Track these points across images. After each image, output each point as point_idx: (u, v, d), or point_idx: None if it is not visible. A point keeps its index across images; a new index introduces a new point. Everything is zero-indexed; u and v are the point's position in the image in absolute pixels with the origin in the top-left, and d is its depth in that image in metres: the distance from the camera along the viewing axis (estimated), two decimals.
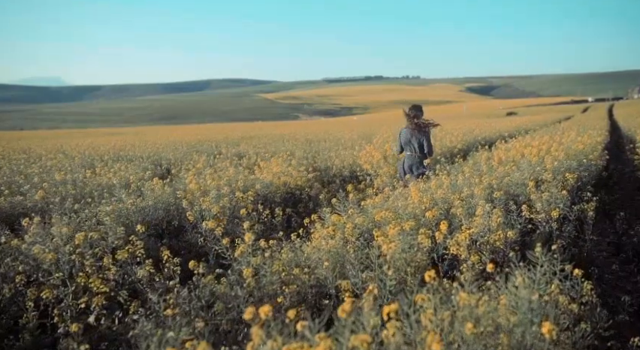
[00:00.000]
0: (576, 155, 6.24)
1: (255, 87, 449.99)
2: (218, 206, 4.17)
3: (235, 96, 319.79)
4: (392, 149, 6.56)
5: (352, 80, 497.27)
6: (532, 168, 4.97)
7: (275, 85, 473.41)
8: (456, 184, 4.31)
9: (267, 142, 14.21)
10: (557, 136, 9.66)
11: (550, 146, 7.44)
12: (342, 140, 13.07)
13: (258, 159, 8.40)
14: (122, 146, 14.16)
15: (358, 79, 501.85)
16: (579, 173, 5.33)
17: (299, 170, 6.49)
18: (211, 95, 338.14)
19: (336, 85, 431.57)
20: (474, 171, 4.96)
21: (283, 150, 10.72)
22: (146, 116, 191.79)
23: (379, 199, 4.37)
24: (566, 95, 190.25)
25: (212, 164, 8.26)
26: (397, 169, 5.98)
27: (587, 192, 4.61)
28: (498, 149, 7.40)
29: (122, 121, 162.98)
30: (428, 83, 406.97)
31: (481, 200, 3.30)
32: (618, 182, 7.98)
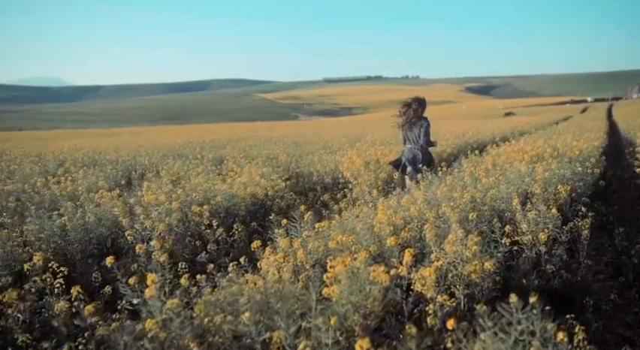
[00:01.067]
0: (571, 162, 5.75)
1: (255, 87, 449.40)
2: (164, 223, 3.68)
3: (235, 96, 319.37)
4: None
5: (352, 80, 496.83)
6: (520, 179, 4.49)
7: (275, 85, 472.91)
8: (435, 198, 3.82)
9: (254, 144, 13.72)
10: (553, 139, 9.18)
11: (545, 152, 6.96)
12: (331, 142, 12.58)
13: (233, 164, 7.90)
14: (104, 149, 13.67)
15: (358, 80, 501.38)
16: (573, 183, 4.85)
17: (271, 179, 5.99)
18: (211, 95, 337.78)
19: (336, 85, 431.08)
20: (457, 182, 4.48)
21: (265, 154, 10.24)
22: (147, 116, 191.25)
23: (349, 214, 3.89)
24: (566, 95, 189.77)
25: (186, 170, 7.78)
26: (403, 155, 5.93)
27: (582, 206, 4.12)
28: (488, 155, 6.92)
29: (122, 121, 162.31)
30: (428, 83, 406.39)
31: (454, 224, 2.81)
32: (617, 189, 7.50)
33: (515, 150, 7.58)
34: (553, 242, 3.27)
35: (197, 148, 13.35)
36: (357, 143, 10.76)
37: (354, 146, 11.26)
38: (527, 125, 18.08)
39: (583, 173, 5.40)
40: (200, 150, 12.48)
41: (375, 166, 6.76)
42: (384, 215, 3.14)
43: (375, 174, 6.22)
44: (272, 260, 2.76)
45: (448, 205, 3.26)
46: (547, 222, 3.23)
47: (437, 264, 2.36)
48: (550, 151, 7.00)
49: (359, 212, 3.83)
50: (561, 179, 4.60)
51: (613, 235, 5.02)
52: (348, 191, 6.37)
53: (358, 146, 9.56)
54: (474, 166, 5.61)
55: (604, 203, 6.19)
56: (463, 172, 5.33)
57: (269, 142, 14.84)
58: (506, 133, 12.92)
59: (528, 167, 5.45)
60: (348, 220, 3.36)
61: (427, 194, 3.93)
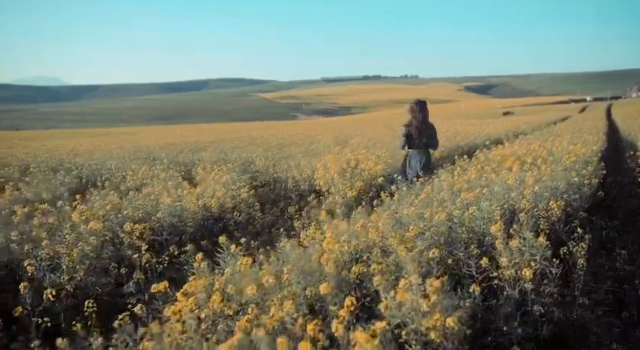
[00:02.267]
0: (566, 170, 5.15)
1: (253, 87, 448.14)
2: (77, 249, 3.07)
3: (234, 96, 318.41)
4: (396, 144, 6.17)
5: (351, 80, 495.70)
6: (507, 192, 3.88)
7: (274, 85, 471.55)
8: (402, 218, 3.21)
9: (237, 146, 13.10)
10: (549, 142, 8.57)
11: (539, 156, 6.36)
12: (316, 144, 11.97)
13: (202, 170, 7.29)
14: (81, 151, 13.07)
15: (357, 79, 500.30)
16: (569, 196, 4.24)
17: (231, 189, 5.37)
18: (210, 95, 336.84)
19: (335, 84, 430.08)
20: (434, 196, 3.87)
21: (244, 157, 9.63)
22: (144, 115, 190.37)
23: (312, 233, 3.29)
24: (565, 94, 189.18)
25: (151, 176, 7.17)
26: (399, 168, 5.87)
27: (578, 226, 3.52)
28: (476, 161, 6.32)
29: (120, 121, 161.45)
30: (427, 82, 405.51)
31: (409, 265, 2.19)
32: (618, 197, 6.89)
33: (507, 154, 6.98)
34: (542, 277, 2.67)
35: (177, 150, 12.74)
36: (337, 146, 10.12)
37: (341, 147, 10.66)
38: (524, 125, 17.44)
39: (579, 183, 4.80)
40: (180, 153, 11.88)
41: (352, 173, 6.14)
42: (333, 244, 2.53)
43: (351, 183, 5.61)
44: (180, 307, 2.15)
45: (397, 236, 2.64)
46: (534, 253, 2.62)
47: (380, 325, 1.75)
48: (544, 155, 6.40)
49: (313, 234, 3.23)
50: (554, 192, 3.99)
51: (613, 254, 4.43)
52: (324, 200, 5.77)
53: (337, 149, 8.92)
54: (457, 175, 5.01)
55: (603, 215, 5.59)
56: (443, 182, 4.73)
57: (253, 143, 14.22)
58: (501, 134, 12.30)
59: (519, 175, 4.85)
60: (293, 249, 2.75)
61: (396, 212, 3.32)
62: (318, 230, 3.23)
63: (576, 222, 4.15)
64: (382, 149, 8.16)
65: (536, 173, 4.98)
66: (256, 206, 5.32)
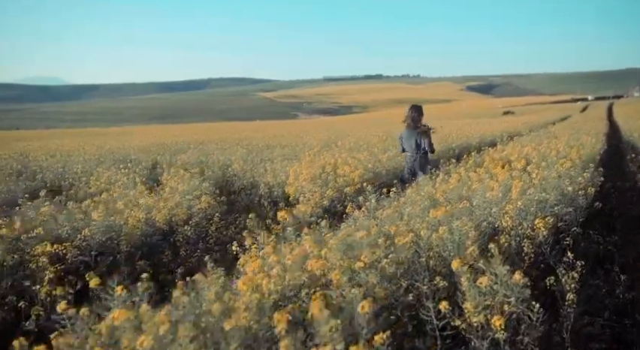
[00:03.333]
0: (560, 178, 4.60)
1: (254, 86, 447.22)
2: None
3: (235, 95, 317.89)
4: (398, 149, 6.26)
5: (352, 79, 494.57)
6: (488, 207, 3.34)
7: (275, 84, 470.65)
8: (355, 242, 2.67)
9: (220, 147, 12.56)
10: (544, 144, 8.02)
11: (530, 162, 5.82)
12: (301, 145, 11.43)
13: (168, 175, 6.75)
14: (49, 152, 12.58)
15: (358, 78, 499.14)
16: (560, 209, 3.70)
17: (186, 198, 4.83)
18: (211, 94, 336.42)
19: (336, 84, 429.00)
20: (403, 210, 3.33)
21: (222, 160, 9.09)
22: (144, 115, 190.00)
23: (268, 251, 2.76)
24: (567, 93, 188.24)
25: (114, 181, 6.65)
26: (406, 162, 5.96)
27: (569, 249, 2.98)
28: (463, 165, 5.78)
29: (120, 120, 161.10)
30: (428, 82, 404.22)
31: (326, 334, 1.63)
32: (618, 205, 6.34)
33: (498, 158, 6.44)
34: (519, 323, 2.12)
35: (160, 152, 12.19)
36: (323, 148, 9.57)
37: (327, 149, 10.12)
38: (522, 125, 16.84)
39: (574, 193, 4.25)
40: (161, 154, 11.35)
41: (326, 180, 5.59)
42: (249, 282, 1.99)
43: (321, 192, 5.07)
44: None
45: (344, 265, 2.10)
46: (508, 293, 2.08)
47: None
48: (537, 160, 5.85)
49: (246, 261, 2.70)
50: (542, 206, 3.45)
51: (611, 276, 3.88)
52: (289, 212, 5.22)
53: (314, 152, 8.35)
54: (439, 183, 4.46)
55: (601, 228, 5.04)
56: (420, 192, 4.18)
57: (240, 144, 13.69)
58: (495, 135, 11.73)
59: (505, 184, 4.30)
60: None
61: (349, 235, 2.78)
62: (252, 256, 2.70)
63: (568, 240, 3.63)
64: (365, 153, 7.63)
65: (525, 181, 4.44)
66: (215, 218, 4.78)
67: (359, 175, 5.82)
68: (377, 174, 6.37)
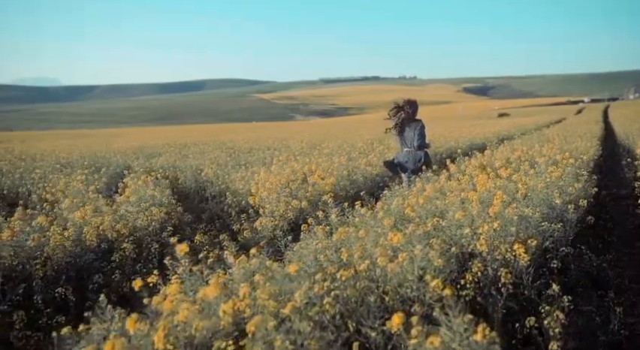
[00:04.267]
0: (549, 188, 4.12)
1: (251, 87, 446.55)
2: None
3: (232, 96, 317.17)
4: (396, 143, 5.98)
5: (349, 80, 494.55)
6: (461, 226, 2.85)
7: (272, 86, 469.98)
8: (286, 276, 2.16)
9: (201, 150, 12.04)
10: (535, 148, 7.56)
11: (518, 168, 5.33)
12: (282, 149, 10.93)
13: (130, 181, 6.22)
14: (21, 155, 12.05)
15: (355, 80, 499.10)
16: (549, 225, 3.21)
17: (130, 210, 4.32)
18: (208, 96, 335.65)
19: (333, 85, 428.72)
20: (353, 238, 2.83)
21: (195, 165, 8.58)
22: (141, 116, 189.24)
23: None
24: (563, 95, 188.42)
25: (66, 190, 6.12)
26: (399, 158, 5.69)
27: (554, 281, 2.49)
28: (445, 173, 5.29)
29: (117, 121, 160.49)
30: (425, 84, 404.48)
31: None
32: (613, 216, 5.86)
33: (484, 164, 5.96)
34: None
35: (137, 155, 11.67)
36: (294, 153, 9.05)
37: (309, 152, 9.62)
38: (515, 128, 16.35)
39: (563, 206, 3.77)
40: (137, 158, 10.84)
41: (295, 188, 5.09)
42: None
43: (286, 204, 4.57)
44: None
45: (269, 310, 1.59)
46: None
47: None
48: (526, 166, 5.36)
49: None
50: (526, 226, 2.95)
51: (605, 304, 3.40)
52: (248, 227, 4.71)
53: (285, 157, 7.82)
54: (414, 195, 3.97)
55: (595, 242, 4.56)
56: (390, 204, 3.69)
57: (223, 147, 13.17)
58: (486, 139, 11.24)
59: (485, 197, 3.82)
60: None
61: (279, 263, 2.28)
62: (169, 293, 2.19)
63: (555, 263, 3.15)
64: (343, 157, 7.12)
65: (510, 192, 3.95)
66: (165, 233, 4.27)
67: (332, 183, 5.33)
68: (353, 182, 5.87)
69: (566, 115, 36.74)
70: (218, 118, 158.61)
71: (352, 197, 5.73)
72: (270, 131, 29.33)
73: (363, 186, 5.94)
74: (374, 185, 6.17)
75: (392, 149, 9.33)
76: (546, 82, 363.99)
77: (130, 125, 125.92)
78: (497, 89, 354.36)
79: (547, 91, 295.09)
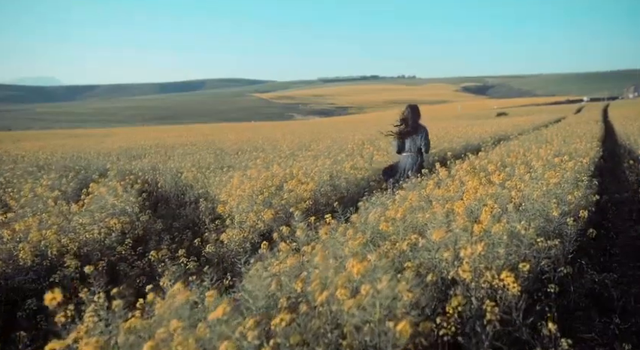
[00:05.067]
0: (546, 196, 3.71)
1: (250, 87, 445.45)
2: None
3: (231, 96, 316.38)
4: (391, 148, 6.00)
5: (348, 80, 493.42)
6: (439, 248, 2.43)
7: (271, 85, 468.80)
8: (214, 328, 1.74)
9: (187, 151, 11.61)
10: (532, 151, 7.14)
11: (513, 173, 4.92)
12: (269, 150, 10.49)
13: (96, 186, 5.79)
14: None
15: (354, 79, 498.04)
16: (544, 241, 2.79)
17: (79, 222, 3.89)
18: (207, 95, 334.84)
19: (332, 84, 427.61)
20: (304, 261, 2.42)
21: (174, 168, 8.16)
22: (140, 115, 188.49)
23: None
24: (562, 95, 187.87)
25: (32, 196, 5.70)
26: (400, 162, 5.76)
27: (550, 318, 2.08)
28: (433, 179, 4.87)
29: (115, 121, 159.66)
30: (424, 83, 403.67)
31: None
32: (614, 224, 5.45)
33: (477, 168, 5.54)
34: None
35: (119, 156, 11.25)
36: (281, 154, 8.62)
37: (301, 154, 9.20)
38: (512, 128, 15.90)
39: (561, 218, 3.36)
40: (117, 160, 10.42)
41: (270, 196, 4.66)
42: None
43: (256, 214, 4.15)
44: None
45: None
46: None
47: None
48: (521, 170, 4.95)
49: None
50: (516, 249, 2.54)
51: (609, 331, 2.99)
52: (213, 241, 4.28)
53: (259, 162, 7.34)
54: (395, 207, 3.55)
55: (596, 257, 4.15)
56: (366, 219, 3.28)
57: (210, 148, 12.74)
58: (483, 139, 10.78)
59: (476, 204, 3.40)
60: None
61: None
62: None
63: (552, 287, 2.73)
64: (329, 159, 6.69)
65: (502, 201, 3.54)
66: (121, 248, 3.85)
67: (311, 189, 4.91)
68: (336, 187, 5.45)
69: (565, 114, 36.33)
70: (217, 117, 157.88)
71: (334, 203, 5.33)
72: (265, 130, 28.87)
73: (346, 191, 5.52)
74: (359, 190, 5.74)
75: (382, 150, 8.93)
76: (545, 82, 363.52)
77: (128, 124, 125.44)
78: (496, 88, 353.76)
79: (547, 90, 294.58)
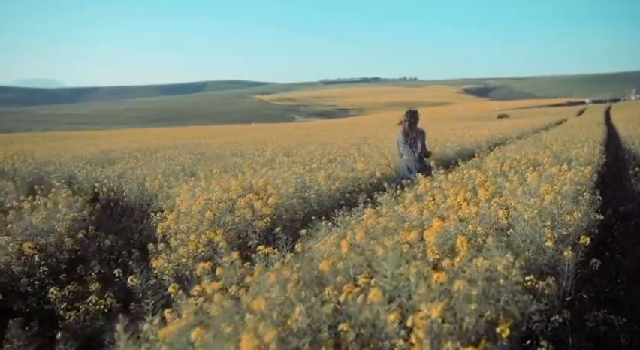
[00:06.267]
0: (540, 215, 3.08)
1: (252, 89, 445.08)
2: None
3: (232, 98, 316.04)
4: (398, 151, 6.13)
5: (349, 82, 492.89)
6: (381, 310, 1.79)
7: (272, 87, 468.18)
8: None
9: (167, 156, 10.97)
10: (529, 157, 6.50)
11: (503, 183, 4.27)
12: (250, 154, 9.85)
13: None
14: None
15: (355, 81, 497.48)
16: (533, 284, 2.16)
17: None
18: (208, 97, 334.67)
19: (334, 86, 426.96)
20: None
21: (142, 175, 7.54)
22: (141, 117, 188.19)
23: None
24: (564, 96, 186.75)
25: None
26: (400, 170, 6.06)
27: None
28: (411, 193, 4.23)
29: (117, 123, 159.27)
30: (425, 85, 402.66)
31: None
32: (620, 244, 4.80)
33: (464, 179, 4.90)
34: None
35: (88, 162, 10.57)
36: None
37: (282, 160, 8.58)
38: (511, 131, 15.22)
39: (557, 249, 2.72)
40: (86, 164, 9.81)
41: (215, 215, 4.03)
42: None
43: (197, 237, 3.52)
44: None
45: None
46: None
47: None
48: (514, 182, 4.31)
49: None
50: (494, 291, 1.90)
51: None
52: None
53: (217, 171, 6.64)
54: (356, 231, 2.92)
55: (600, 286, 3.51)
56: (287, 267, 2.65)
57: (194, 152, 12.12)
58: (478, 144, 10.12)
59: (449, 234, 2.78)
60: None
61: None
62: None
63: (544, 344, 2.10)
64: (304, 167, 6.06)
65: (487, 222, 2.90)
66: (28, 279, 3.22)
67: (273, 204, 4.28)
68: (306, 200, 4.82)
69: (566, 116, 35.61)
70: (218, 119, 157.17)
71: (302, 219, 4.69)
72: (258, 133, 28.22)
73: (317, 205, 4.89)
74: (333, 203, 5.11)
75: (367, 156, 8.31)
76: (546, 84, 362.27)
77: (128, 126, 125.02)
78: (498, 90, 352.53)
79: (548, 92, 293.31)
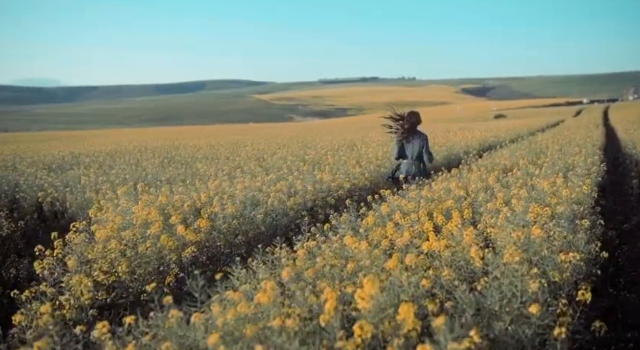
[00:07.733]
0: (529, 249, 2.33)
1: (250, 88, 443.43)
2: None
3: (230, 97, 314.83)
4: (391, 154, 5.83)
5: (348, 81, 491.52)
6: None
7: (271, 86, 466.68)
8: None
9: (128, 160, 10.18)
10: (521, 164, 5.75)
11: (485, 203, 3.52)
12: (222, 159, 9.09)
13: None
14: None
15: (354, 81, 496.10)
16: None
17: None
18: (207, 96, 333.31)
19: (332, 86, 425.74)
20: None
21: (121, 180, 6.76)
22: (138, 117, 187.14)
23: None
24: (562, 96, 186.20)
25: None
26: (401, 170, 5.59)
27: None
28: (376, 210, 3.47)
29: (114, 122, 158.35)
30: (424, 84, 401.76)
31: None
32: (625, 272, 4.05)
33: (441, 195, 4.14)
34: None
35: (48, 166, 9.77)
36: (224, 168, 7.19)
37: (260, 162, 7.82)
38: (505, 133, 14.45)
39: (545, 318, 1.96)
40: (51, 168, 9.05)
41: (129, 243, 3.26)
42: None
43: (128, 262, 2.75)
44: None
45: None
46: None
47: None
48: (499, 200, 3.55)
49: None
50: None
51: None
52: None
53: (138, 186, 5.71)
54: (306, 257, 2.16)
55: (604, 344, 2.76)
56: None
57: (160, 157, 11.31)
58: (468, 148, 9.34)
59: (401, 287, 2.01)
60: None
61: None
62: None
63: None
64: (257, 178, 5.29)
65: (458, 265, 2.15)
66: None
67: (205, 227, 3.52)
68: (251, 221, 4.04)
69: (564, 117, 34.89)
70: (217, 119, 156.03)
71: (247, 242, 3.93)
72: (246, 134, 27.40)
73: (265, 228, 4.12)
74: (289, 223, 4.34)
75: (337, 164, 7.55)
76: (544, 83, 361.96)
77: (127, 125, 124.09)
78: (496, 90, 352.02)
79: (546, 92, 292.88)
